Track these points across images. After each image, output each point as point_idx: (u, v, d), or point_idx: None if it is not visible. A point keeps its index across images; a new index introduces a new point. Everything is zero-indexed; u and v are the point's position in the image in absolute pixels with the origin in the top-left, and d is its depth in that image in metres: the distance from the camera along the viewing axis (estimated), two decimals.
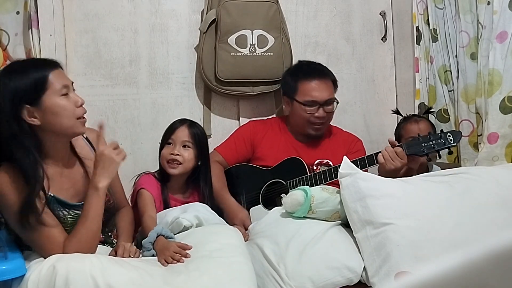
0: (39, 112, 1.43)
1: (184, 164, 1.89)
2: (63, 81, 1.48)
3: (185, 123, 1.95)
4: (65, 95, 1.46)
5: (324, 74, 2.19)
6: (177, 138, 1.90)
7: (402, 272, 1.52)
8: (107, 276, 1.28)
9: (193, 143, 1.91)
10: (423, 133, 2.03)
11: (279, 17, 2.37)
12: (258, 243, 1.72)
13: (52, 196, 1.49)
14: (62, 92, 1.46)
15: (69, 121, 1.46)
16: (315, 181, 2.01)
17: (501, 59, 2.03)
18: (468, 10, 2.18)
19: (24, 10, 2.08)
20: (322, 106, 2.13)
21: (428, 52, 2.44)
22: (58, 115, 1.45)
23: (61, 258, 1.32)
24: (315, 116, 2.13)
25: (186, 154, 1.89)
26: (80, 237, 1.42)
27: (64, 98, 1.46)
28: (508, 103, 2.03)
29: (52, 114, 1.44)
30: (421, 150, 1.89)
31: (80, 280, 1.25)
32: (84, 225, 1.43)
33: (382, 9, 2.72)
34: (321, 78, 2.16)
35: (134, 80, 2.38)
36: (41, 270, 1.29)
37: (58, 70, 1.50)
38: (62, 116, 1.45)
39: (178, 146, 1.89)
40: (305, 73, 2.17)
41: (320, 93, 2.13)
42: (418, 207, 1.66)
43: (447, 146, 1.89)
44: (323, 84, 2.15)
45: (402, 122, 2.24)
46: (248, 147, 2.25)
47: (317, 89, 2.13)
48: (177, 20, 2.43)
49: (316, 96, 2.12)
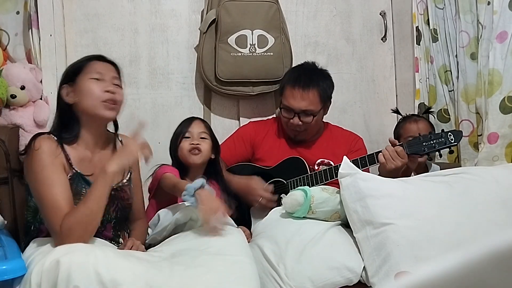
0: (74, 91, 1.60)
1: (203, 153, 1.93)
2: (100, 69, 1.63)
3: (195, 118, 2.02)
4: (95, 79, 1.60)
5: (310, 84, 2.10)
6: (194, 131, 1.95)
7: (402, 272, 1.52)
8: (112, 271, 1.27)
9: (209, 135, 1.98)
10: (423, 132, 2.02)
11: (279, 17, 2.37)
12: (258, 243, 1.72)
13: (78, 172, 1.56)
14: (93, 76, 1.60)
15: (92, 101, 1.58)
16: (316, 180, 2.01)
17: (501, 59, 2.03)
18: (468, 10, 2.18)
19: (24, 10, 2.08)
20: (298, 115, 2.11)
21: (428, 52, 2.44)
22: (85, 95, 1.58)
23: (66, 252, 1.31)
24: (290, 123, 2.13)
25: (204, 144, 1.94)
26: (77, 215, 1.42)
27: (93, 82, 1.59)
28: (508, 103, 2.03)
29: (81, 93, 1.59)
30: (422, 149, 1.89)
31: (83, 275, 1.24)
32: (85, 204, 1.45)
33: (382, 9, 2.72)
34: (305, 88, 2.09)
35: (134, 80, 2.38)
36: (44, 263, 1.28)
37: (102, 62, 1.65)
38: (87, 96, 1.58)
39: (196, 138, 1.94)
40: (292, 79, 2.13)
41: (296, 102, 2.08)
42: (418, 207, 1.66)
43: (448, 145, 1.89)
44: (303, 94, 2.08)
45: (402, 121, 2.24)
46: (248, 148, 2.25)
47: (295, 97, 2.08)
48: (177, 20, 2.44)
49: (291, 104, 2.09)
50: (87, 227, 1.43)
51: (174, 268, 1.40)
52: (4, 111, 1.96)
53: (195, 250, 1.50)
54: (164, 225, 1.70)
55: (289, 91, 2.11)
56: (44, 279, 1.26)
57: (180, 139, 1.95)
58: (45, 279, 1.26)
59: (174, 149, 1.97)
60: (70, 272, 1.23)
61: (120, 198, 1.66)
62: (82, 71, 1.61)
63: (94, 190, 1.47)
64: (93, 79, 1.59)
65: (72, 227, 1.39)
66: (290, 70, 2.27)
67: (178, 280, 1.35)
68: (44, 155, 1.49)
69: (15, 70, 1.97)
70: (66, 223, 1.40)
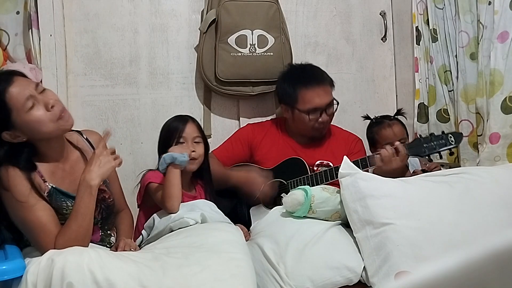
0: (19, 131, 1.45)
1: (199, 159, 1.89)
2: (25, 92, 1.41)
3: (188, 119, 1.94)
4: (31, 107, 1.42)
5: (321, 78, 2.15)
6: (189, 135, 1.88)
7: (402, 272, 1.51)
8: (106, 270, 1.28)
9: (201, 137, 1.92)
10: (399, 137, 2.07)
11: (279, 17, 2.37)
12: (258, 242, 1.72)
13: (54, 187, 1.52)
14: (28, 107, 1.42)
15: (48, 127, 1.46)
16: (316, 181, 2.01)
17: (502, 59, 2.03)
18: (467, 10, 2.18)
19: (24, 10, 2.08)
20: (324, 111, 2.12)
21: (428, 52, 2.44)
22: (35, 128, 1.44)
23: (61, 251, 1.33)
24: (319, 122, 2.13)
25: (199, 149, 1.89)
26: (70, 233, 1.43)
27: (32, 111, 1.43)
28: (509, 103, 2.03)
29: (29, 129, 1.44)
30: (422, 151, 1.90)
31: (77, 274, 1.25)
32: (75, 221, 1.45)
33: (382, 9, 2.72)
34: (320, 84, 2.12)
35: (134, 80, 2.38)
36: (40, 262, 1.30)
37: (17, 81, 1.43)
38: (40, 127, 1.45)
39: (191, 143, 1.88)
40: (302, 81, 2.13)
41: (320, 100, 2.10)
42: (418, 207, 1.66)
43: (448, 147, 1.89)
44: (322, 90, 2.12)
45: (375, 126, 2.23)
46: (246, 150, 2.25)
47: (319, 95, 2.10)
48: (177, 20, 2.43)
49: (317, 103, 2.10)
50: (82, 242, 1.44)
51: (168, 266, 1.39)
52: None
53: (189, 247, 1.50)
54: (160, 229, 1.70)
55: (308, 94, 2.10)
56: (39, 278, 1.27)
57: (173, 143, 1.88)
58: (40, 278, 1.27)
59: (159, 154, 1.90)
60: (64, 270, 1.25)
61: (102, 200, 1.64)
62: (11, 109, 1.40)
63: (81, 206, 1.45)
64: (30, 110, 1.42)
65: (67, 246, 1.39)
66: (288, 75, 2.20)
67: (172, 279, 1.34)
68: (16, 188, 1.42)
69: None
70: (60, 243, 1.41)
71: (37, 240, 1.44)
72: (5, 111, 1.40)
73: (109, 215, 1.69)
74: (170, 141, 1.88)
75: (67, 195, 1.54)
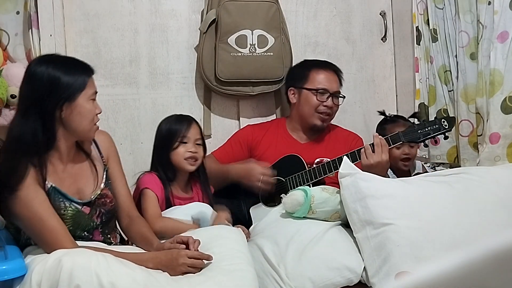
0: (69, 108, 1.52)
1: (199, 161, 1.91)
2: (95, 88, 1.60)
3: (192, 120, 1.94)
4: (93, 100, 1.58)
5: (335, 68, 2.26)
6: (192, 136, 1.90)
7: (402, 272, 1.52)
8: (111, 275, 1.28)
9: (202, 139, 1.94)
10: None
11: (279, 17, 2.36)
12: (258, 243, 1.72)
13: (53, 186, 1.52)
14: (92, 97, 1.57)
15: (88, 124, 1.56)
16: (315, 175, 2.00)
17: (502, 59, 2.03)
18: (467, 10, 2.18)
19: (24, 10, 2.08)
20: (332, 96, 2.17)
21: (428, 52, 2.44)
22: (82, 115, 1.54)
23: (68, 252, 1.33)
24: (324, 105, 2.15)
25: (200, 151, 1.91)
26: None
27: (91, 103, 1.57)
28: (509, 103, 2.03)
29: (78, 113, 1.54)
30: (417, 137, 1.92)
31: (85, 276, 1.25)
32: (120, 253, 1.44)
33: (382, 9, 2.72)
34: (332, 71, 2.23)
35: (134, 80, 2.38)
36: (46, 262, 1.30)
37: (92, 77, 1.61)
38: (84, 118, 1.55)
39: (192, 144, 1.89)
40: (317, 64, 2.24)
41: (331, 84, 2.18)
42: (418, 207, 1.66)
43: (442, 131, 1.91)
44: (333, 76, 2.21)
45: (388, 123, 2.25)
46: (245, 150, 2.25)
47: (329, 79, 2.19)
48: (177, 20, 2.43)
49: (327, 85, 2.17)
50: None
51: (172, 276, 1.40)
52: (4, 111, 1.96)
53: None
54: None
55: (321, 74, 2.19)
56: (45, 278, 1.27)
57: (176, 143, 1.88)
58: (46, 278, 1.27)
59: (167, 150, 1.89)
60: (72, 272, 1.25)
61: (101, 205, 1.62)
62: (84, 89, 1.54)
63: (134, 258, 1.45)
64: (91, 100, 1.57)
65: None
66: (301, 62, 2.31)
67: None
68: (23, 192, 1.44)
69: (15, 70, 1.97)
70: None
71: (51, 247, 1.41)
72: (80, 86, 1.54)
73: (109, 219, 1.67)
74: (172, 140, 1.89)
75: (65, 196, 1.54)
